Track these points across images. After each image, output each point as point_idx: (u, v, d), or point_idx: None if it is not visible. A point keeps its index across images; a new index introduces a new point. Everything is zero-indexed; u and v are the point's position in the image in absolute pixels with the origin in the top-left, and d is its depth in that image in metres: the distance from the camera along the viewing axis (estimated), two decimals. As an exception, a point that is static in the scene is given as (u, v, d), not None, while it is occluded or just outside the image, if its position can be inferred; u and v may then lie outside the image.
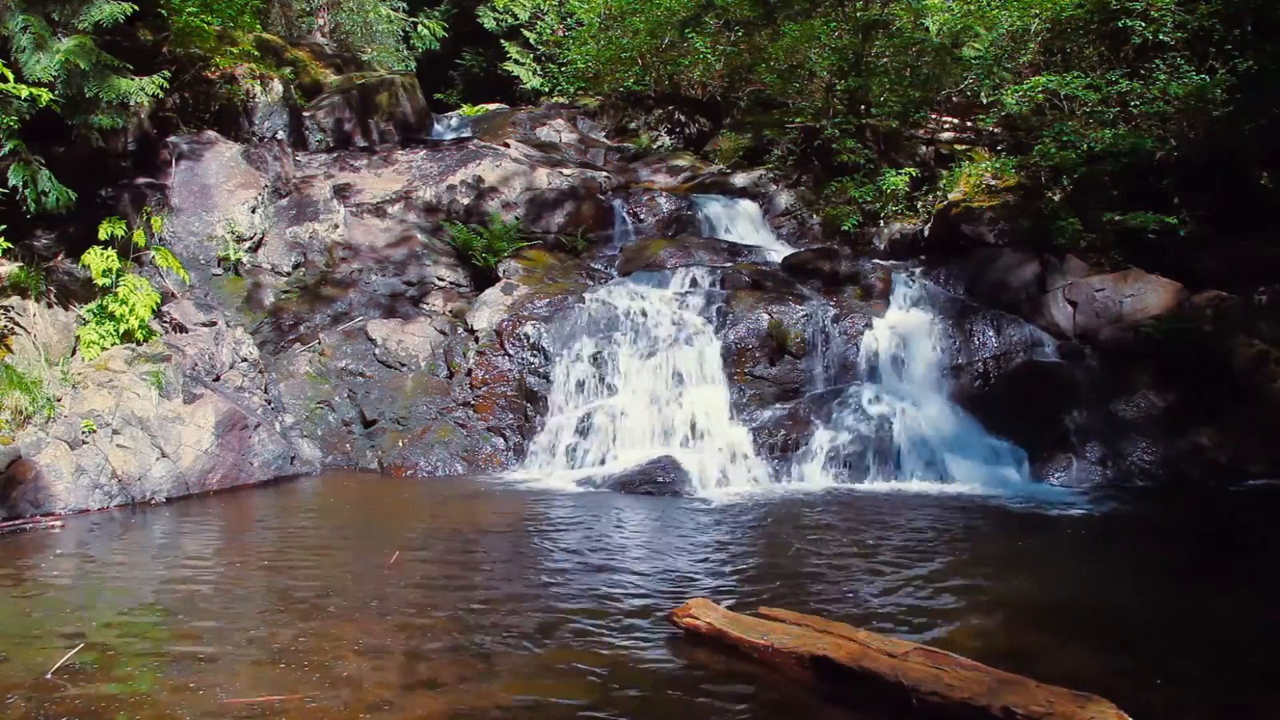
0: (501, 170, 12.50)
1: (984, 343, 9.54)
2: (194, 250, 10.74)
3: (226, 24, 12.97)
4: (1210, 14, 10.56)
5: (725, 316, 9.64)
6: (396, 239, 11.66)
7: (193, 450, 7.96)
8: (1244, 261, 9.57)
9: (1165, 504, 7.63)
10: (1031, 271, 10.10)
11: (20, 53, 8.40)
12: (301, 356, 9.96)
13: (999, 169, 11.59)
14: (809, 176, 13.16)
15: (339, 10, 21.19)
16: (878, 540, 6.39)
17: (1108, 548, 6.44)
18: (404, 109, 14.50)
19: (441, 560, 5.92)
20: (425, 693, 3.86)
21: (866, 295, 10.22)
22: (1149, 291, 9.47)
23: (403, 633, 4.55)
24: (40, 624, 4.70)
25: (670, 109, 16.34)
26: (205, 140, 11.55)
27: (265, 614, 4.84)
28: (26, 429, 7.41)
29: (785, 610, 4.46)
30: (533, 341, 9.55)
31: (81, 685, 3.91)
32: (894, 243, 12.14)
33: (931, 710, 3.55)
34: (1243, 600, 5.13)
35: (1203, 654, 4.31)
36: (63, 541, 6.53)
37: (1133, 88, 10.64)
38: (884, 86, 12.66)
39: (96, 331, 8.60)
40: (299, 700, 3.76)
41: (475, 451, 9.19)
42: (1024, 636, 4.49)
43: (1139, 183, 10.47)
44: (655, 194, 12.83)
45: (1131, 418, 8.61)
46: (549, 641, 4.45)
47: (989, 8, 12.58)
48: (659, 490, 8.05)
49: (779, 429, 8.89)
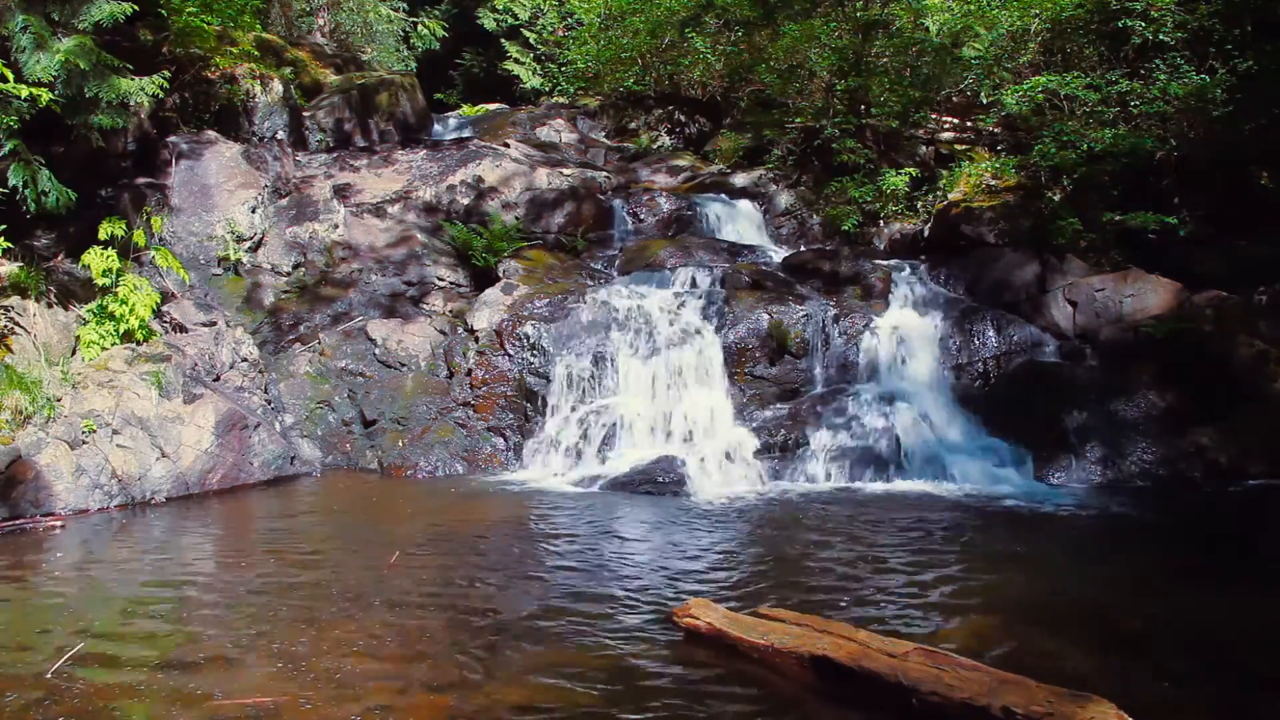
0: (501, 170, 12.50)
1: (984, 343, 9.55)
2: (194, 250, 10.74)
3: (226, 24, 12.97)
4: (1210, 14, 10.55)
5: (725, 316, 9.64)
6: (396, 239, 11.66)
7: (193, 450, 7.96)
8: (1244, 261, 9.58)
9: (1165, 504, 7.62)
10: (1031, 271, 10.10)
11: (20, 53, 8.40)
12: (301, 356, 9.96)
13: (999, 169, 11.59)
14: (809, 176, 13.16)
15: (339, 10, 21.20)
16: (878, 540, 6.39)
17: (1108, 548, 6.44)
18: (404, 109, 14.51)
19: (441, 560, 5.92)
20: (425, 693, 3.86)
21: (866, 295, 10.22)
22: (1149, 291, 9.47)
23: (402, 632, 4.55)
24: (40, 624, 4.71)
25: (670, 109, 16.33)
26: (205, 140, 11.54)
27: (265, 614, 4.84)
28: (26, 429, 7.41)
29: (785, 610, 4.46)
30: (533, 341, 9.55)
31: (81, 685, 3.92)
32: (894, 243, 12.15)
33: (931, 710, 3.55)
34: (1243, 600, 5.13)
35: (1203, 654, 4.31)
36: (63, 541, 6.54)
37: (1133, 88, 10.64)
38: (884, 86, 12.65)
39: (96, 331, 8.60)
40: (299, 701, 3.76)
41: (475, 451, 9.19)
42: (1024, 636, 4.49)
43: (1139, 183, 10.48)
44: (655, 194, 12.83)
45: (1132, 418, 8.61)
46: (548, 641, 4.45)
47: (989, 8, 12.57)
48: (659, 490, 8.05)
49: (779, 429, 8.90)
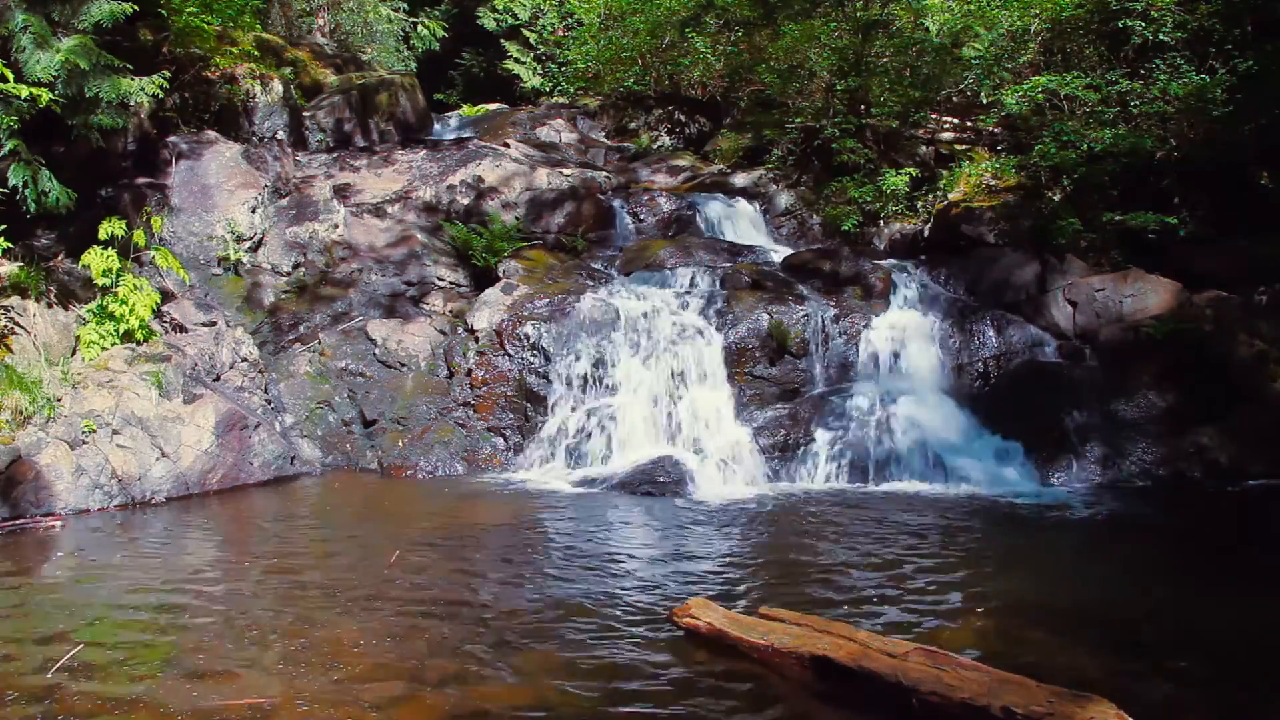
0: (501, 170, 12.49)
1: (984, 342, 9.55)
2: (194, 250, 10.74)
3: (226, 24, 12.96)
4: (1210, 14, 10.56)
5: (725, 316, 9.64)
6: (396, 239, 11.66)
7: (193, 450, 7.96)
8: (1244, 261, 9.58)
9: (1165, 504, 7.63)
10: (1031, 271, 10.10)
11: (20, 52, 8.41)
12: (301, 356, 9.96)
13: (999, 169, 11.59)
14: (809, 176, 13.16)
15: (339, 10, 21.19)
16: (878, 540, 6.39)
17: (1108, 547, 6.44)
18: (404, 109, 14.51)
19: (441, 560, 5.92)
20: (424, 692, 3.86)
21: (867, 295, 10.21)
22: (1149, 291, 9.47)
23: (402, 632, 4.55)
24: (40, 624, 4.70)
25: (670, 109, 16.33)
26: (205, 140, 11.55)
27: (265, 614, 4.84)
28: (27, 429, 7.41)
29: (785, 610, 4.46)
30: (533, 341, 9.55)
31: (81, 685, 3.92)
32: (894, 243, 12.15)
33: (932, 710, 3.55)
34: (1243, 600, 5.13)
35: (1203, 654, 4.31)
36: (63, 541, 6.54)
37: (1133, 88, 10.64)
38: (884, 86, 12.65)
39: (96, 331, 8.60)
40: (298, 700, 3.76)
41: (475, 451, 9.19)
42: (1024, 636, 4.49)
43: (1139, 183, 10.48)
44: (655, 194, 12.83)
45: (1132, 418, 8.62)
46: (548, 641, 4.45)
47: (989, 8, 12.58)
48: (659, 490, 8.05)
49: (779, 429, 8.90)
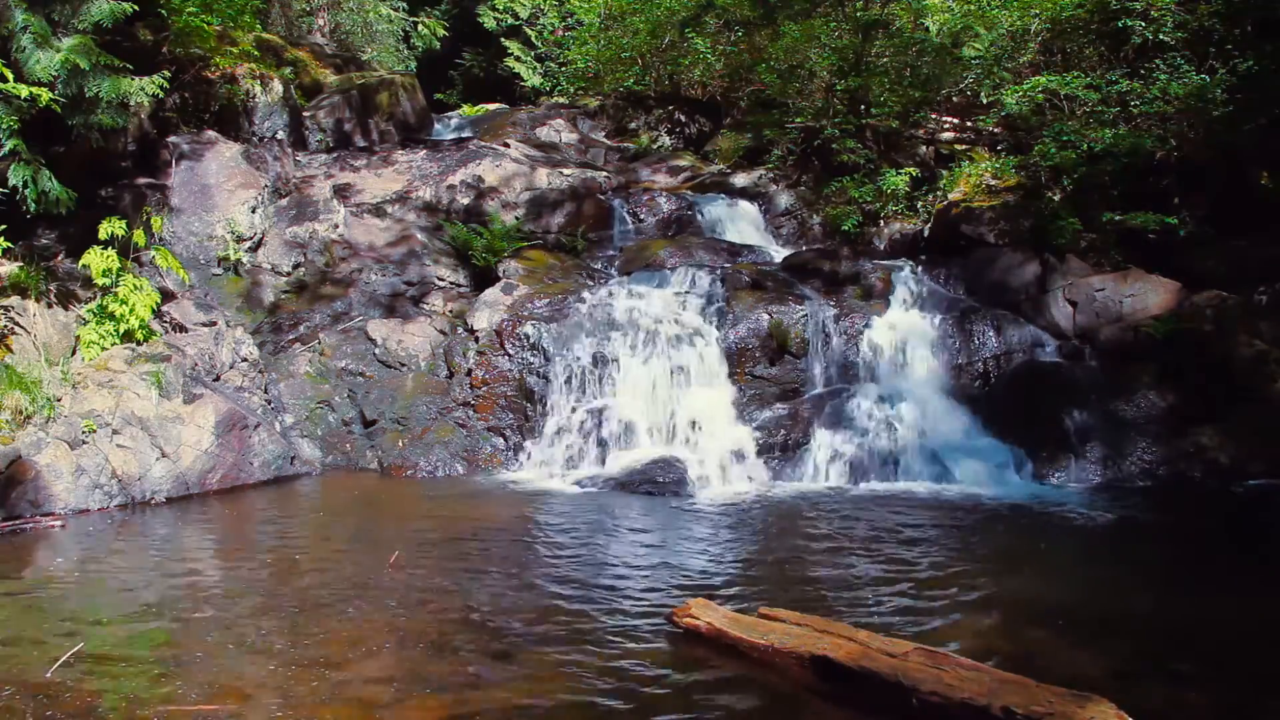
0: (501, 170, 12.49)
1: (984, 343, 9.55)
2: (194, 250, 10.74)
3: (226, 24, 12.96)
4: (1210, 14, 10.56)
5: (725, 316, 9.64)
6: (396, 239, 11.66)
7: (193, 450, 7.96)
8: (1244, 261, 9.57)
9: (1166, 504, 7.63)
10: (1031, 271, 10.10)
11: (20, 52, 8.41)
12: (301, 356, 9.96)
13: (999, 169, 11.58)
14: (809, 176, 13.16)
15: (339, 10, 21.20)
16: (878, 540, 6.39)
17: (1108, 547, 6.44)
18: (404, 109, 14.51)
19: (441, 560, 5.92)
20: (424, 693, 3.86)
21: (867, 295, 10.21)
22: (1149, 291, 9.47)
23: (402, 631, 4.55)
24: (40, 624, 4.70)
25: (670, 109, 16.32)
26: (205, 140, 11.54)
27: (265, 614, 4.84)
28: (26, 429, 7.41)
29: (785, 610, 4.46)
30: (533, 341, 9.54)
31: (81, 685, 3.92)
32: (894, 243, 12.14)
33: (932, 710, 3.55)
34: (1243, 600, 5.13)
35: (1203, 654, 4.31)
36: (63, 542, 6.53)
37: (1133, 88, 10.64)
38: (884, 86, 12.65)
39: (96, 331, 8.60)
40: (300, 700, 3.76)
41: (475, 451, 9.19)
42: (1024, 636, 4.49)
43: (1139, 183, 10.47)
44: (655, 194, 12.82)
45: (1132, 418, 8.61)
46: (548, 641, 4.45)
47: (989, 8, 12.58)
48: (659, 490, 8.05)
49: (779, 429, 8.90)
